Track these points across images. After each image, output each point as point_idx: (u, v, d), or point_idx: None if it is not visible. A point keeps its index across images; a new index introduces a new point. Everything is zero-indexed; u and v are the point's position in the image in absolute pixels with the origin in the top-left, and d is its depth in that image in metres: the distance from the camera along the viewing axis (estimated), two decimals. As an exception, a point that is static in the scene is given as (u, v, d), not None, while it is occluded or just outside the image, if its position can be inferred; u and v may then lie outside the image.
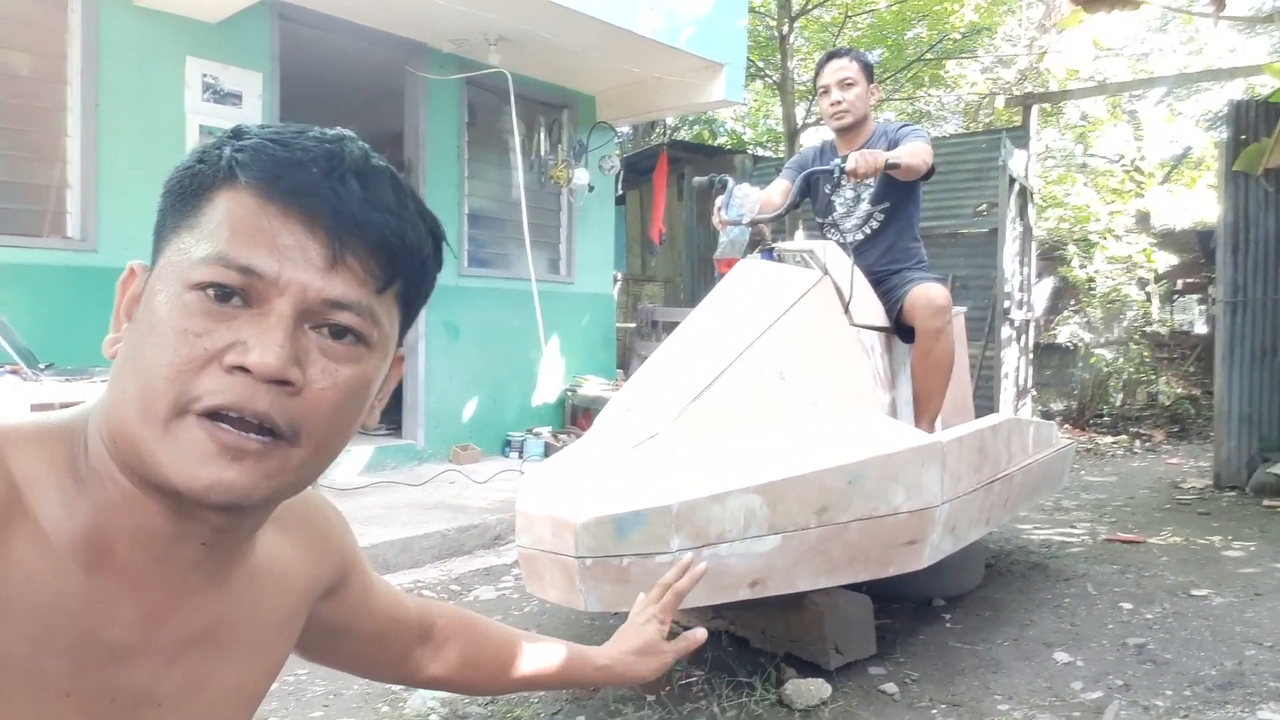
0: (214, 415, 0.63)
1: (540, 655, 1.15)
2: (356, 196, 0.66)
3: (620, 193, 7.91)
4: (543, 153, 6.73)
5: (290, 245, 0.65)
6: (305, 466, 0.68)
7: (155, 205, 0.71)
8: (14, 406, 3.23)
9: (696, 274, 9.59)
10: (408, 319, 0.75)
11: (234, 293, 0.64)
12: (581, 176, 6.71)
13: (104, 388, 0.70)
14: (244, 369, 0.63)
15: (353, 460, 5.55)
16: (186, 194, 0.67)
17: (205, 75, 4.90)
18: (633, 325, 8.59)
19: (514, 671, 1.13)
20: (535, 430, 6.47)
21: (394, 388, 0.80)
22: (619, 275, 9.34)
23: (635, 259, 11.24)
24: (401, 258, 0.69)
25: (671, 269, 10.55)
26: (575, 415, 6.81)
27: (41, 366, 3.66)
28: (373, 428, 0.84)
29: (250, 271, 0.64)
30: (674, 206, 9.80)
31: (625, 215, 10.84)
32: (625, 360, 8.24)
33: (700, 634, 1.23)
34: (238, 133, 0.69)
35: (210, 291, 0.64)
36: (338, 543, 0.96)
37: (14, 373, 3.54)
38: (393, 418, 6.20)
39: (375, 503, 4.70)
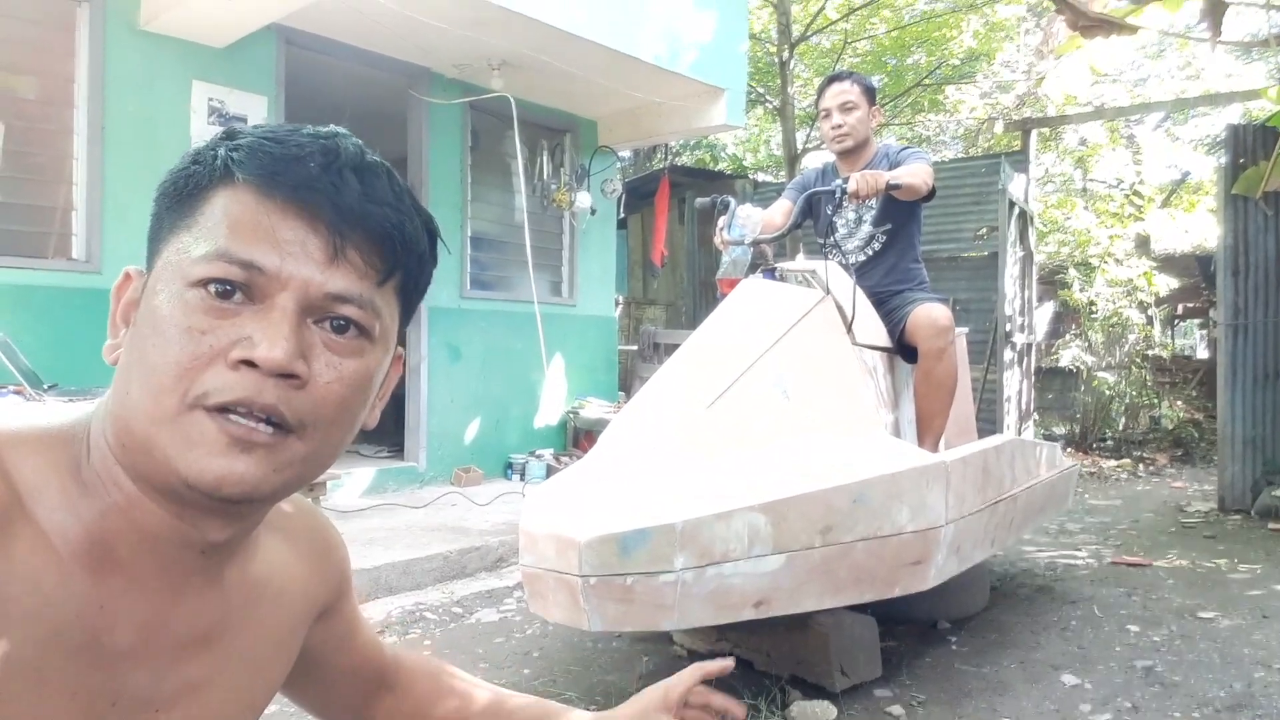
0: (223, 411, 0.63)
1: (510, 715, 1.05)
2: (355, 190, 0.67)
3: (622, 216, 7.95)
4: (545, 176, 6.77)
5: (291, 240, 0.65)
6: (311, 460, 0.68)
7: (148, 232, 0.71)
8: (5, 416, 3.22)
9: (698, 297, 9.61)
10: (407, 313, 0.76)
11: (236, 289, 0.64)
12: (584, 200, 6.75)
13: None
14: (250, 363, 0.63)
15: (354, 482, 5.53)
16: (182, 195, 0.68)
17: (211, 99, 4.94)
18: (634, 348, 8.59)
19: None
20: (537, 452, 6.46)
21: (394, 386, 0.80)
22: (620, 298, 9.37)
23: (637, 282, 11.27)
24: (401, 250, 0.70)
25: (673, 292, 10.57)
26: (577, 437, 6.80)
27: (45, 387, 3.67)
28: (373, 427, 0.84)
29: (252, 266, 0.64)
30: (675, 230, 9.84)
31: (627, 239, 10.88)
32: (627, 383, 8.23)
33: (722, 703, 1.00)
34: (231, 133, 0.69)
35: (212, 288, 0.64)
36: (337, 561, 0.95)
37: (17, 393, 3.54)
38: (394, 440, 6.19)
39: (377, 525, 4.68)
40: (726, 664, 1.00)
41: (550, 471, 6.12)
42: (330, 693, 1.00)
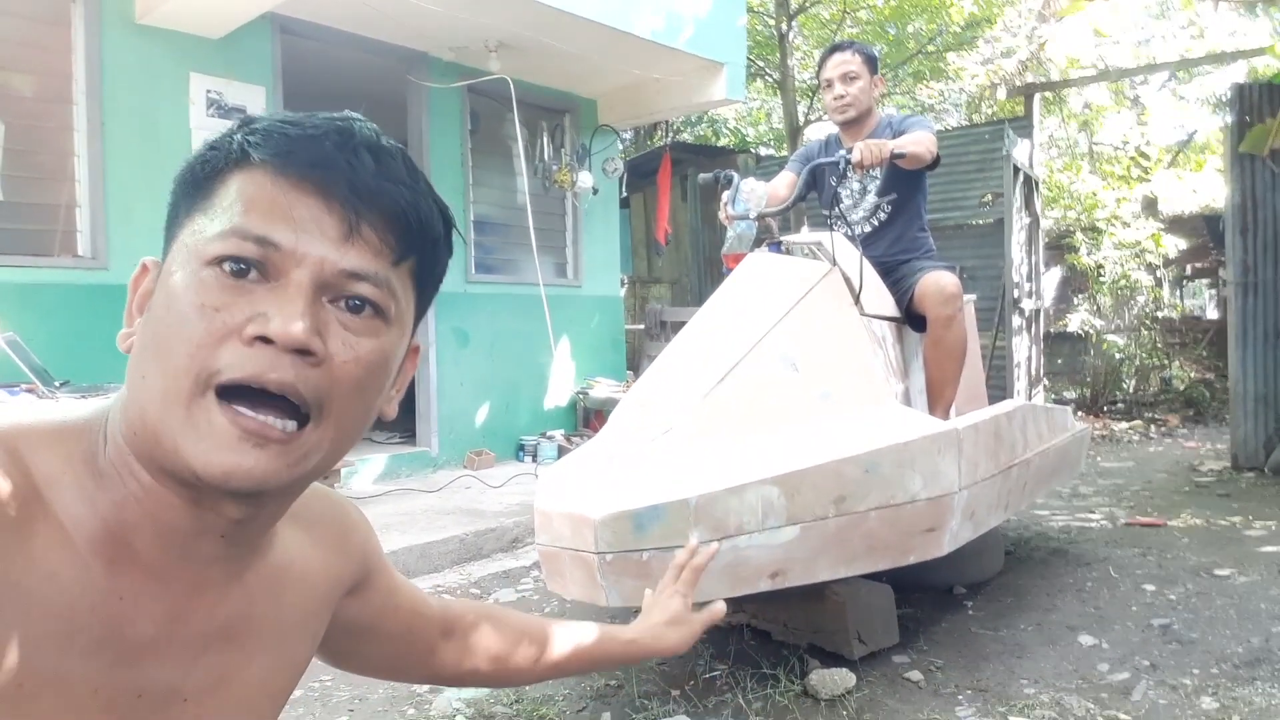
0: (235, 393, 0.63)
1: (566, 638, 1.14)
2: (370, 169, 0.67)
3: (624, 195, 7.92)
4: (546, 157, 6.74)
5: (306, 218, 0.65)
6: (327, 448, 0.68)
7: (165, 222, 0.70)
8: (21, 411, 3.24)
9: (703, 274, 9.60)
10: (423, 302, 0.75)
11: (251, 266, 0.64)
12: (585, 180, 6.72)
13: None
14: (265, 339, 0.62)
15: (368, 468, 5.56)
16: (199, 180, 0.68)
17: (209, 91, 4.93)
18: (641, 327, 8.59)
19: (542, 657, 1.12)
20: (548, 433, 6.48)
21: (410, 378, 0.79)
22: (625, 277, 9.35)
23: (641, 261, 11.25)
24: (416, 231, 0.69)
25: (678, 270, 10.55)
26: (587, 417, 6.82)
27: (56, 384, 3.69)
28: (390, 418, 0.84)
29: (267, 243, 0.64)
30: (678, 207, 9.81)
31: (630, 218, 10.85)
32: (635, 362, 8.25)
33: (720, 606, 1.24)
34: (247, 120, 0.69)
35: (227, 266, 0.63)
36: (359, 541, 0.95)
37: (30, 391, 3.57)
38: (406, 425, 6.22)
39: (392, 510, 4.71)
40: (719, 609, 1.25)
41: (562, 452, 6.14)
42: (391, 656, 1.04)
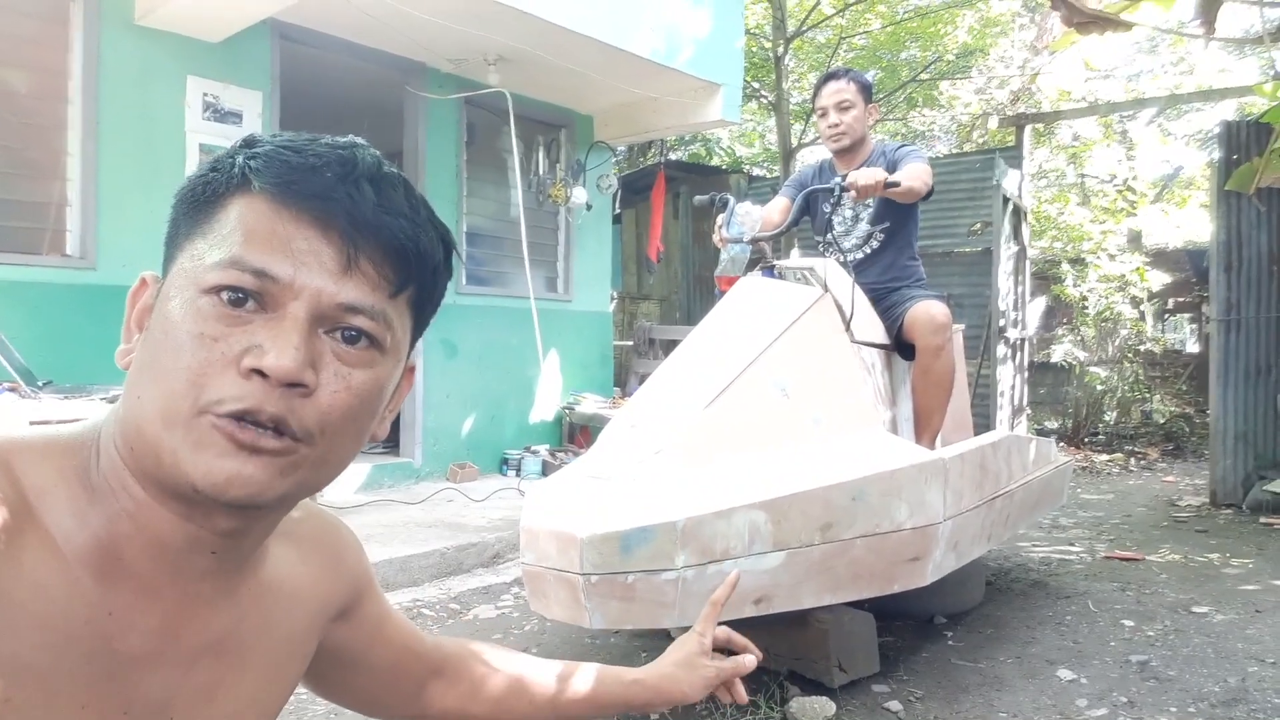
0: (231, 417, 0.63)
1: (565, 679, 1.10)
2: (370, 201, 0.67)
3: (617, 211, 7.94)
4: (541, 172, 6.76)
5: (305, 250, 0.65)
6: (318, 468, 0.68)
7: (156, 223, 0.71)
8: (13, 424, 3.21)
9: (693, 292, 9.62)
10: (419, 327, 0.76)
11: (248, 296, 0.64)
12: (579, 195, 6.74)
13: (103, 406, 0.70)
14: (260, 372, 0.63)
15: (350, 478, 5.53)
16: (199, 202, 0.68)
17: (206, 94, 4.92)
18: (630, 343, 8.60)
19: (538, 700, 1.08)
20: (533, 448, 6.46)
21: (404, 398, 0.80)
22: (615, 293, 9.36)
23: (632, 277, 11.27)
24: (415, 263, 0.70)
25: (668, 287, 10.58)
26: (573, 433, 6.81)
27: (40, 384, 3.66)
28: (383, 438, 0.83)
29: (264, 275, 0.64)
30: (671, 225, 9.84)
31: (622, 234, 10.87)
32: (623, 378, 8.24)
33: (750, 659, 1.14)
34: (250, 141, 0.69)
35: (224, 295, 0.64)
36: (351, 563, 0.95)
37: (12, 390, 3.53)
38: (390, 436, 6.19)
39: (373, 521, 4.68)
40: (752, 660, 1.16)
41: (546, 467, 6.13)
42: (378, 689, 1.01)
